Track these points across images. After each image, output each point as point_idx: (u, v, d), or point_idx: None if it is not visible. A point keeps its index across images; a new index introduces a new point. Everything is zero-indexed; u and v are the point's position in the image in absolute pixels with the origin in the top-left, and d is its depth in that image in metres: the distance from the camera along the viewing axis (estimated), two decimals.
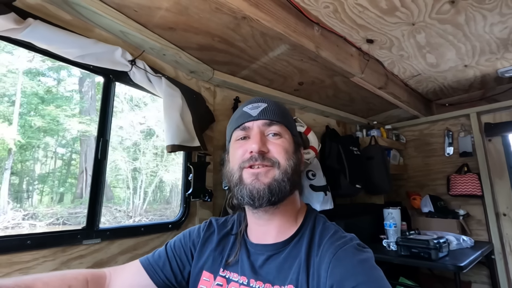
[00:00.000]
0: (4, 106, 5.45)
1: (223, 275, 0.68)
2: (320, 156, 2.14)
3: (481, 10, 1.32)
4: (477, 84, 2.26)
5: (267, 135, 0.67)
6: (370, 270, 0.54)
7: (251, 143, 0.64)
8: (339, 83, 1.89)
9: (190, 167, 1.35)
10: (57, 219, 5.90)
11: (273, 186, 0.61)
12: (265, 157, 0.63)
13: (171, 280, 0.72)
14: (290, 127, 0.70)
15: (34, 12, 0.95)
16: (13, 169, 5.73)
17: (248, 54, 1.45)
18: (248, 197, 0.62)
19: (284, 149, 0.65)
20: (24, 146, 5.79)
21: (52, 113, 6.02)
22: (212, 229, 0.77)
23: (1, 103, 5.38)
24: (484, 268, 2.16)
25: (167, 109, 1.24)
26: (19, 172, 6.02)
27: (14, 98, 5.59)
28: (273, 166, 0.63)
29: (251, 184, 0.62)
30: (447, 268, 1.51)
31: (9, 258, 0.87)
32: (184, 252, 0.75)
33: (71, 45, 0.98)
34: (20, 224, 4.95)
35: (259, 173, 0.62)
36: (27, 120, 5.84)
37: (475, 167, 2.29)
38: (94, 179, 1.09)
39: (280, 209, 0.66)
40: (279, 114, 0.69)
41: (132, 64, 1.15)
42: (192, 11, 1.10)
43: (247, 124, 0.68)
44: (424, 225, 2.29)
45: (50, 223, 5.66)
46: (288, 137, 0.68)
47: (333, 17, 1.34)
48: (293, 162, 0.65)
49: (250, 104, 0.70)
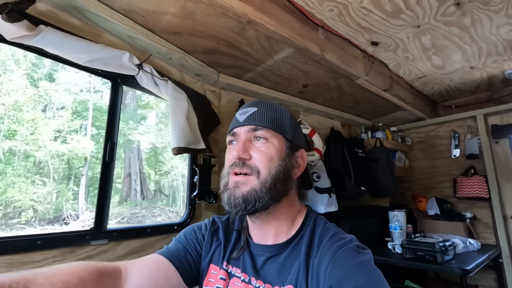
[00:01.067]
0: (82, 120, 6.23)
1: (225, 268, 0.69)
2: (325, 158, 2.15)
3: (487, 12, 1.32)
4: (483, 86, 2.24)
5: (254, 140, 0.67)
6: (369, 272, 0.54)
7: (233, 149, 0.66)
8: (344, 85, 1.89)
9: (196, 169, 1.37)
10: (123, 218, 6.36)
11: (249, 195, 0.62)
12: (245, 164, 0.64)
13: (193, 269, 0.72)
14: (281, 130, 0.68)
15: (45, 18, 0.98)
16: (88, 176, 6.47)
17: (253, 57, 1.47)
18: (227, 204, 0.64)
19: (267, 156, 0.64)
20: (95, 155, 6.47)
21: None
22: (216, 226, 0.78)
23: (81, 118, 6.17)
24: (492, 272, 2.13)
25: (173, 112, 1.26)
26: (90, 178, 6.57)
27: (87, 113, 6.34)
28: (253, 174, 0.64)
29: (231, 190, 0.64)
30: (453, 271, 1.50)
31: (21, 258, 0.89)
32: (198, 243, 0.75)
33: (80, 50, 1.00)
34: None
35: (239, 181, 0.64)
36: (93, 132, 6.45)
37: (482, 169, 2.26)
38: (102, 181, 1.11)
39: (273, 213, 0.66)
40: (268, 119, 0.67)
41: (139, 68, 1.17)
42: (198, 15, 1.12)
43: (235, 129, 0.69)
44: (430, 227, 2.27)
45: (118, 222, 6.13)
46: (276, 142, 0.66)
47: (338, 20, 1.35)
48: (276, 170, 0.64)
49: (241, 109, 0.71)
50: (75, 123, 6.01)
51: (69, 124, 5.93)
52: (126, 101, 8.28)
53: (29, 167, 5.20)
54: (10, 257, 0.87)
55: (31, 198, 5.03)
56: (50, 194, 5.41)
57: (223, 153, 0.73)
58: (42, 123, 5.33)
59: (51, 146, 5.43)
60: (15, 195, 4.77)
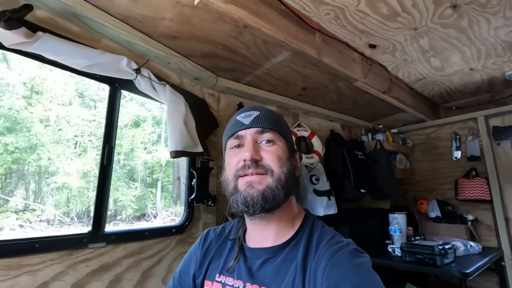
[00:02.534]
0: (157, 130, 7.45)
1: (218, 280, 0.69)
2: (325, 161, 2.14)
3: (485, 14, 1.31)
4: (484, 87, 2.23)
5: (260, 142, 0.68)
6: (366, 274, 0.55)
7: (244, 151, 0.66)
8: (343, 88, 1.89)
9: (194, 173, 1.38)
10: (174, 215, 7.20)
11: (267, 193, 0.63)
12: (258, 164, 0.65)
13: None
14: (283, 133, 0.71)
15: (44, 25, 1.00)
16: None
17: (251, 61, 1.48)
18: (242, 204, 0.64)
19: (277, 156, 0.66)
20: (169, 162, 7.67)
21: None
22: (209, 240, 0.79)
23: (156, 128, 7.47)
24: (494, 275, 2.11)
25: (171, 115, 1.27)
26: (162, 182, 7.64)
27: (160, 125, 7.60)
28: (267, 174, 0.64)
29: (245, 191, 0.64)
30: (453, 274, 1.48)
31: (19, 261, 0.90)
32: (191, 272, 0.76)
33: (79, 55, 1.02)
34: (173, 219, 6.85)
35: (253, 181, 0.64)
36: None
37: (483, 171, 2.25)
38: (100, 184, 1.13)
39: (277, 215, 0.67)
40: (272, 122, 0.70)
41: (137, 73, 1.19)
42: (195, 20, 1.13)
43: (240, 132, 0.69)
44: (431, 230, 2.25)
45: (172, 220, 6.99)
46: (281, 144, 0.69)
47: (335, 23, 1.35)
48: (286, 169, 0.66)
49: (243, 113, 0.72)
50: (153, 135, 7.47)
51: (150, 136, 7.24)
52: None
53: (126, 174, 6.96)
54: (8, 260, 0.88)
55: (128, 199, 6.70)
56: (137, 196, 7.02)
57: (222, 156, 0.73)
58: (138, 137, 7.13)
59: (141, 155, 7.08)
60: (119, 197, 6.39)
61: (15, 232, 4.60)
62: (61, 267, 0.98)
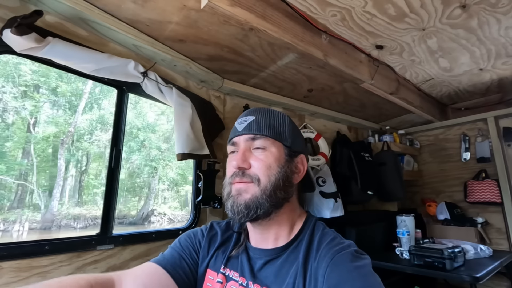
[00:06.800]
0: None
1: (223, 272, 0.70)
2: (331, 162, 2.13)
3: (495, 14, 1.29)
4: (494, 88, 2.19)
5: (253, 149, 0.68)
6: (366, 276, 0.54)
7: (233, 159, 0.67)
8: (349, 89, 1.88)
9: (200, 175, 1.38)
10: None
11: (251, 203, 0.63)
12: (245, 173, 0.65)
13: (189, 277, 0.71)
14: (280, 138, 0.69)
15: (53, 30, 1.02)
16: None
17: (256, 63, 1.48)
18: (231, 212, 0.66)
19: (266, 164, 0.65)
20: None
21: None
22: (214, 231, 0.79)
23: None
24: (505, 279, 2.06)
25: (177, 118, 1.28)
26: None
27: None
28: (253, 182, 0.64)
29: (235, 197, 0.65)
30: (462, 279, 1.46)
31: (29, 263, 0.92)
32: (194, 250, 0.75)
33: (87, 60, 1.03)
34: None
35: (240, 189, 0.65)
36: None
37: (493, 173, 2.20)
38: (108, 187, 1.14)
39: (275, 219, 0.67)
40: (267, 126, 0.68)
41: (144, 76, 1.20)
42: (201, 24, 1.14)
43: (235, 139, 0.70)
44: (440, 233, 2.22)
45: None
46: (274, 150, 0.67)
47: (341, 25, 1.34)
48: (276, 177, 0.65)
49: (240, 118, 0.72)
50: None
51: None
52: None
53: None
54: (19, 261, 0.90)
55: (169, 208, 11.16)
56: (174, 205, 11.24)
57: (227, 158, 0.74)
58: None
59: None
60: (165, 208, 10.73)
61: None
62: (70, 269, 0.99)
